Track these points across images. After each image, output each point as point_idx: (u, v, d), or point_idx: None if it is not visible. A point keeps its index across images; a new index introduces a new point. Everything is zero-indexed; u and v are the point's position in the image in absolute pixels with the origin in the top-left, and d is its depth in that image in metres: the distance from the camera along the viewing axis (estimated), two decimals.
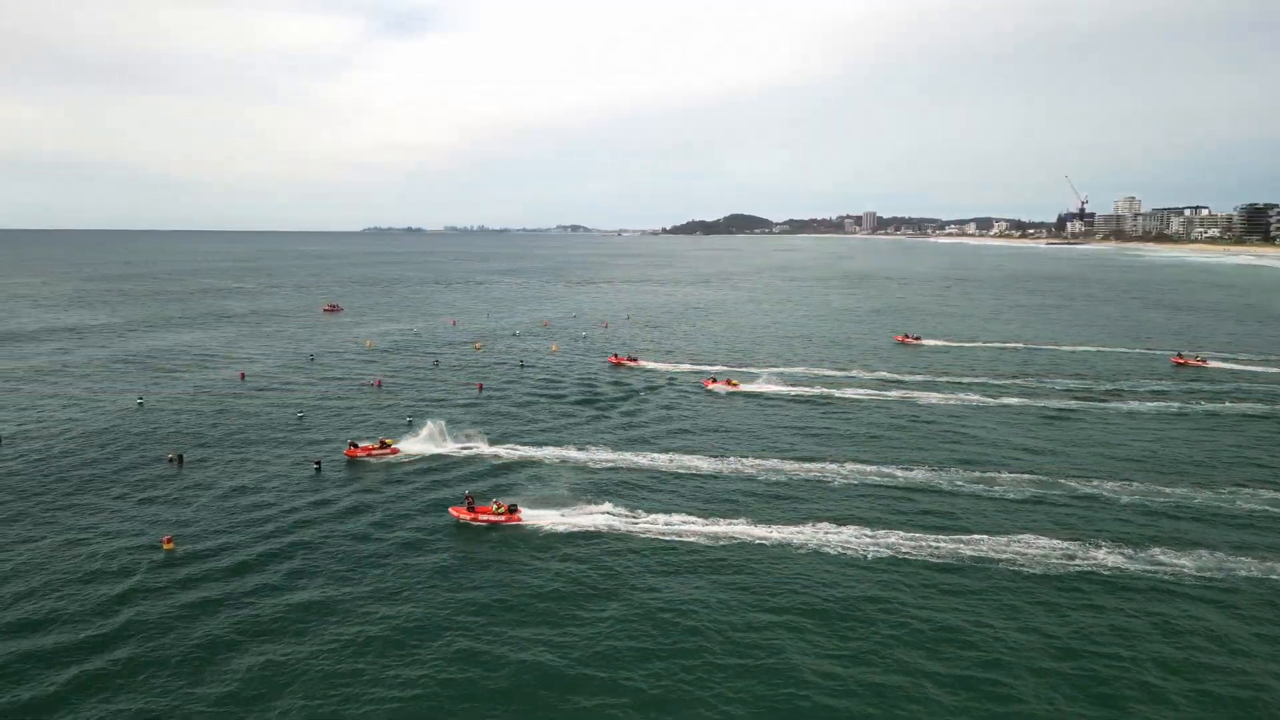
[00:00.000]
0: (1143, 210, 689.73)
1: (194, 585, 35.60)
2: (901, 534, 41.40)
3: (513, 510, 43.47)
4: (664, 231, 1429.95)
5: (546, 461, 54.23)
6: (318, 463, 52.99)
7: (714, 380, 79.64)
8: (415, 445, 57.21)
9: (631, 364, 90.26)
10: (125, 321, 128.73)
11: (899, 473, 51.83)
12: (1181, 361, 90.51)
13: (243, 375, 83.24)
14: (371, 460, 54.06)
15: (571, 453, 56.11)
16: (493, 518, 42.98)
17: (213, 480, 50.19)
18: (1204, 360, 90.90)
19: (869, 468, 52.86)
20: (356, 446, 55.37)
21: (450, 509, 44.41)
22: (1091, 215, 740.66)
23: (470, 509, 43.54)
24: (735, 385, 77.86)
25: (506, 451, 56.36)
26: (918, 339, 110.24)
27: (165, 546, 39.33)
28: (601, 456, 55.35)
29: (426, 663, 29.87)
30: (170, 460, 53.98)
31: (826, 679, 28.82)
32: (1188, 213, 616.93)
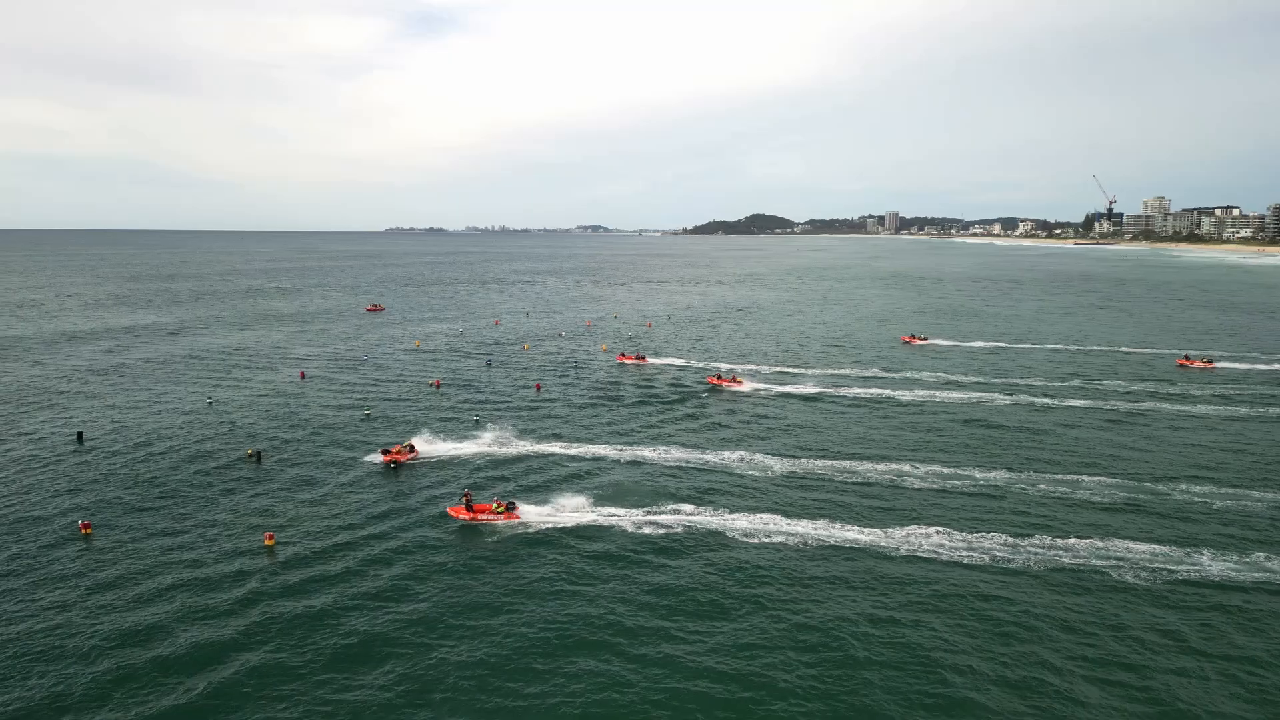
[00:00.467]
0: (1172, 210, 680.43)
1: (309, 587, 35.85)
2: (995, 537, 41.12)
3: (510, 508, 43.43)
4: (684, 232, 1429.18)
5: (619, 460, 54.35)
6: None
7: (719, 377, 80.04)
8: (484, 446, 57.66)
9: (641, 362, 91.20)
10: (177, 322, 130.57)
11: (977, 474, 51.53)
12: (1187, 363, 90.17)
13: (303, 375, 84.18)
14: (404, 464, 53.42)
15: (644, 452, 56.22)
16: (491, 516, 42.86)
17: (295, 477, 50.83)
18: (1211, 362, 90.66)
19: (944, 469, 52.59)
20: (389, 452, 54.09)
21: (448, 508, 44.18)
22: (1120, 215, 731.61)
23: (468, 507, 43.31)
24: (740, 382, 78.67)
25: (579, 450, 56.56)
26: (924, 339, 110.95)
27: (267, 542, 39.90)
28: (674, 456, 55.48)
29: (571, 658, 30.32)
30: (250, 456, 54.74)
31: (966, 675, 28.82)
32: (1218, 213, 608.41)
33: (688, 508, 45.44)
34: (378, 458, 53.88)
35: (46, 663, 29.60)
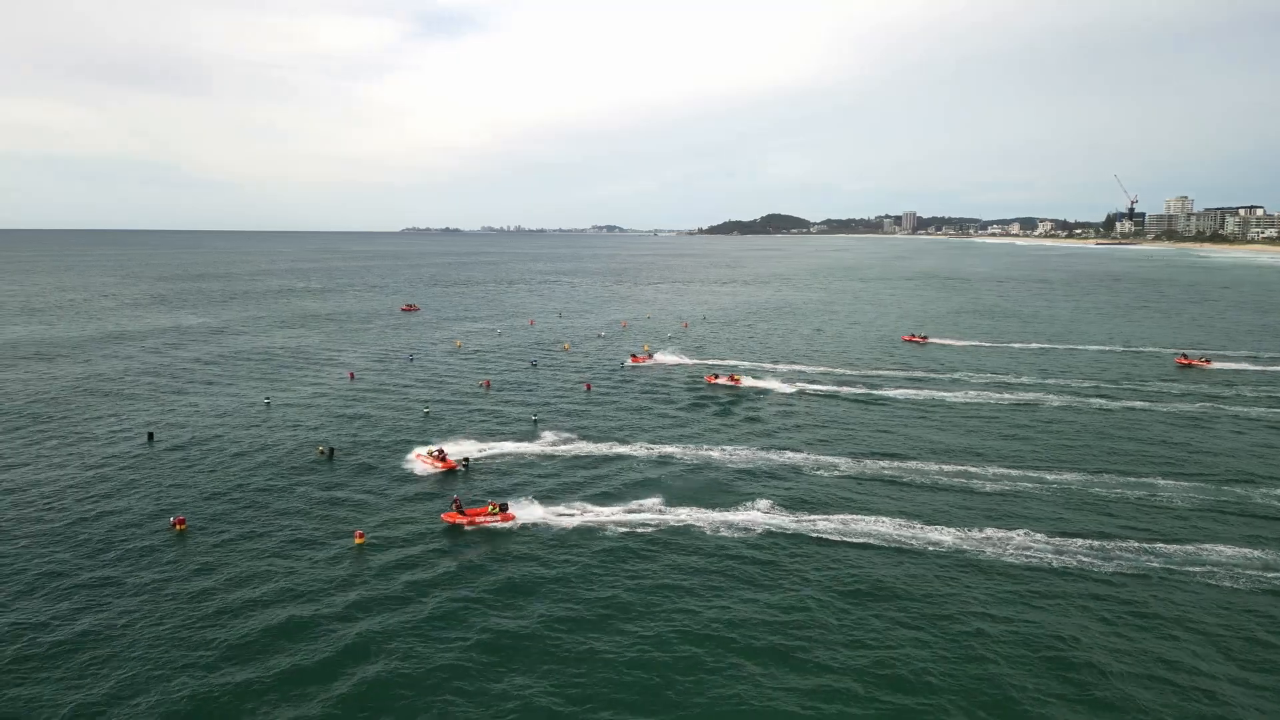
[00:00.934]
0: (1194, 210, 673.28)
1: (412, 586, 36.14)
2: (1080, 541, 40.88)
3: (504, 509, 43.66)
4: (700, 231, 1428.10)
5: (684, 460, 54.42)
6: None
7: (716, 376, 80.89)
8: (547, 446, 57.96)
9: (649, 360, 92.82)
10: (220, 322, 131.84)
11: (1048, 476, 51.27)
12: (1186, 362, 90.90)
13: (352, 375, 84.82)
14: (430, 468, 52.75)
15: (708, 452, 56.25)
16: (486, 519, 42.98)
17: (369, 475, 51.26)
18: (1208, 361, 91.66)
19: (1012, 471, 52.40)
20: (444, 460, 53.12)
21: (442, 515, 43.93)
22: (1142, 215, 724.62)
23: (460, 512, 43.27)
24: (738, 380, 79.21)
25: (642, 451, 56.66)
26: (925, 338, 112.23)
27: (357, 540, 40.29)
28: (740, 455, 55.55)
29: (689, 653, 30.48)
30: (321, 453, 55.26)
31: (1090, 671, 28.88)
32: (1242, 213, 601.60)
33: (763, 504, 45.78)
34: (425, 466, 52.77)
35: (167, 650, 30.02)
